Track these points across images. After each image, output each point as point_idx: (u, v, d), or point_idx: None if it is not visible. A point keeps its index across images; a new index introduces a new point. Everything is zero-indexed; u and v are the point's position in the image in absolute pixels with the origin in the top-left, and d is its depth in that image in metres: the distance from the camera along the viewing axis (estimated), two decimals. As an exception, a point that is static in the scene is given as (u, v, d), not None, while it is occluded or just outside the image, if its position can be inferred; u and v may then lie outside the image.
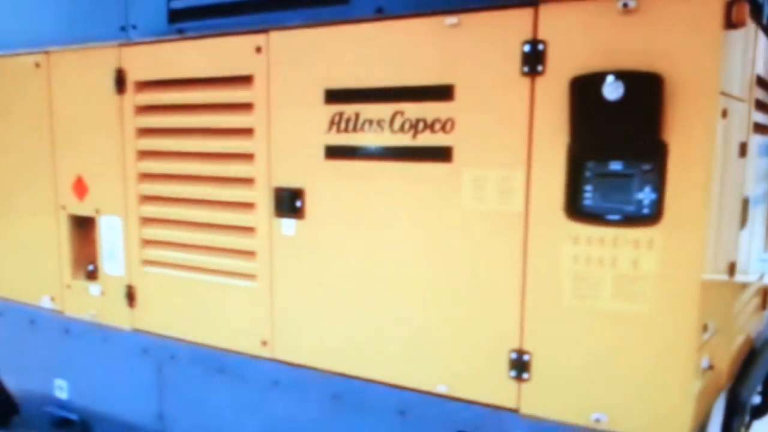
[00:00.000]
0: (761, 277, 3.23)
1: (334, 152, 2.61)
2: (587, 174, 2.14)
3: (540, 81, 2.18)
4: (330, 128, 2.60)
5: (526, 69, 2.19)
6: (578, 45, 2.11)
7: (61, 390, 3.80)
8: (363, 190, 2.57)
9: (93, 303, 3.51)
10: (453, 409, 2.48)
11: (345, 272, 2.65)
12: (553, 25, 2.14)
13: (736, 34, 2.07)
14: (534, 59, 2.18)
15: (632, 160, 2.07)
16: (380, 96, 2.48)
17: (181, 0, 2.99)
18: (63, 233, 3.57)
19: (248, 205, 2.88)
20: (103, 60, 3.23)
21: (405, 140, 2.44)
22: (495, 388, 2.38)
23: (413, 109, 2.41)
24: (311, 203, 2.70)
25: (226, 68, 2.86)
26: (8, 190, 3.80)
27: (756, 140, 2.68)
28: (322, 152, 2.64)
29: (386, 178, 2.51)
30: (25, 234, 3.76)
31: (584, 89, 2.07)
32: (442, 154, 2.37)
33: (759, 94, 2.63)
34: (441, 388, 2.49)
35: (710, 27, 1.94)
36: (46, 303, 3.72)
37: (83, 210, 3.47)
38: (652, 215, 2.05)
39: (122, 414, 3.52)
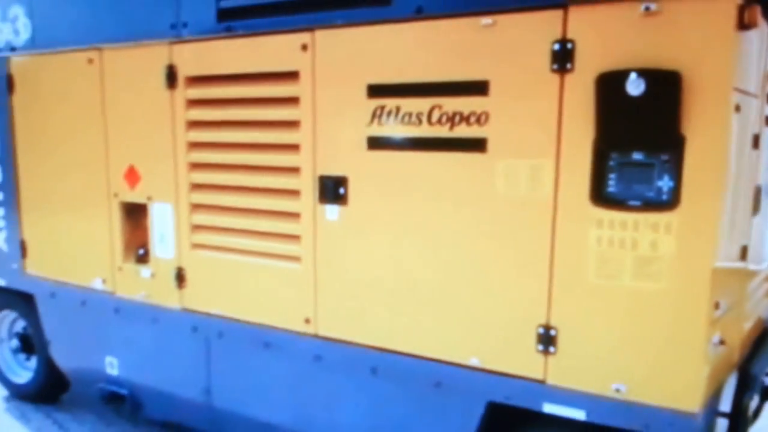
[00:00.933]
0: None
1: (376, 143, 2.83)
2: (611, 163, 2.34)
3: (569, 78, 2.38)
4: (372, 121, 2.82)
5: (555, 66, 2.39)
6: (604, 44, 2.30)
7: (112, 367, 4.06)
8: (403, 177, 2.78)
9: (144, 284, 3.75)
10: (484, 381, 2.69)
11: (385, 253, 2.87)
12: (581, 25, 2.34)
13: (749, 34, 2.26)
14: (563, 57, 2.38)
15: (652, 151, 2.26)
16: (420, 91, 2.69)
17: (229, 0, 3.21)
18: (115, 219, 3.82)
19: (294, 192, 3.11)
20: (154, 56, 3.46)
21: (443, 132, 2.66)
22: (523, 360, 2.59)
23: (450, 103, 2.62)
24: (354, 190, 2.92)
25: (273, 65, 3.09)
26: (62, 179, 4.05)
27: (769, 133, 2.87)
28: (364, 143, 2.86)
29: (425, 166, 2.72)
30: (78, 220, 4.01)
31: (609, 85, 2.27)
32: (477, 145, 2.58)
33: (772, 89, 2.81)
34: (473, 361, 2.71)
35: (724, 28, 2.13)
36: (98, 285, 3.98)
37: (135, 197, 3.71)
38: (670, 201, 2.25)
39: (171, 388, 3.77)
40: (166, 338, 3.74)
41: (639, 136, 2.27)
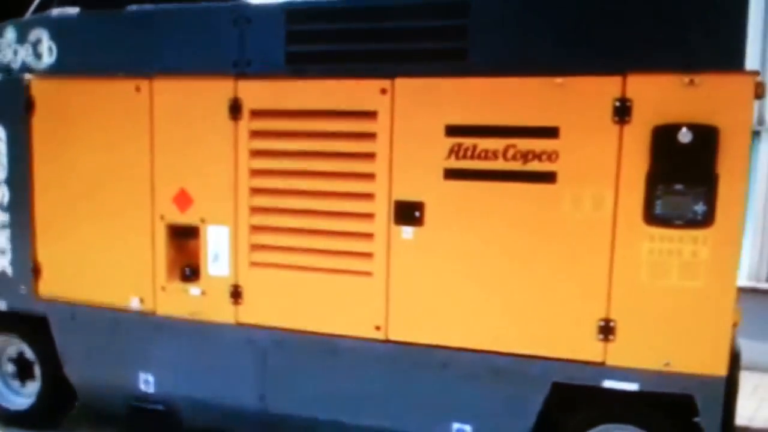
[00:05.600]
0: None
1: (452, 174, 3.38)
2: (658, 192, 3.08)
3: (627, 128, 3.10)
4: (449, 155, 3.37)
5: (616, 118, 3.10)
6: (656, 104, 3.04)
7: (146, 384, 4.21)
8: (477, 202, 3.36)
9: (192, 302, 3.99)
10: (550, 366, 3.32)
11: (459, 265, 3.42)
12: (637, 88, 3.07)
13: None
14: (622, 112, 3.09)
15: (692, 183, 3.03)
16: (495, 132, 3.29)
17: (299, 46, 3.61)
18: (159, 240, 4.02)
19: (367, 215, 3.56)
20: (218, 89, 3.76)
21: (516, 166, 3.27)
22: (586, 347, 3.25)
23: (524, 143, 3.25)
24: (430, 213, 3.44)
25: (349, 104, 3.53)
26: (92, 202, 4.16)
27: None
28: (441, 173, 3.40)
29: (498, 193, 3.31)
30: (112, 242, 4.14)
31: (663, 135, 3.02)
32: (548, 177, 3.22)
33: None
34: (541, 351, 3.33)
35: (745, 97, 2.95)
36: (134, 304, 4.13)
37: (185, 220, 3.95)
38: (705, 221, 3.03)
39: (220, 397, 4.02)
40: (216, 351, 3.99)
41: (684, 172, 3.03)
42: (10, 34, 4.27)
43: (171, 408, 4.19)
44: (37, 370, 4.65)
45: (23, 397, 4.75)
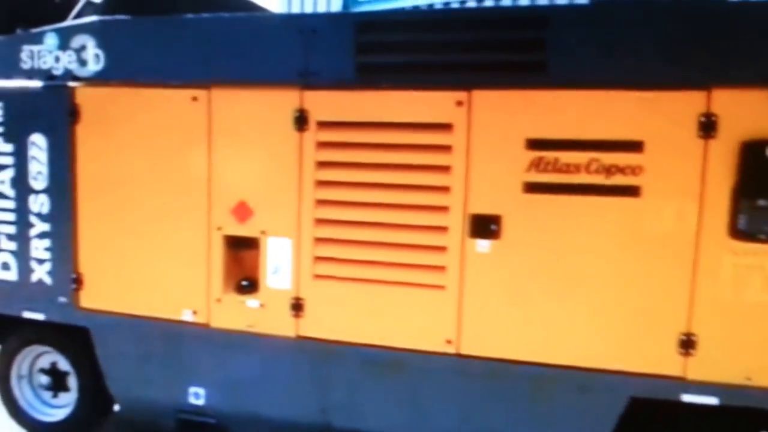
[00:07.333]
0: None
1: (532, 187, 3.37)
2: (743, 207, 3.11)
3: (712, 142, 3.12)
4: (530, 169, 3.36)
5: (701, 133, 3.12)
6: (742, 119, 3.08)
7: (197, 397, 4.12)
8: (557, 215, 3.35)
9: (250, 315, 3.91)
10: (627, 381, 3.33)
11: (539, 279, 3.41)
12: (722, 103, 3.10)
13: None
14: (708, 127, 3.12)
15: (775, 198, 3.08)
16: (578, 146, 3.28)
17: (371, 56, 3.56)
18: (216, 252, 3.93)
19: (441, 228, 3.53)
20: (283, 100, 3.69)
21: (599, 180, 3.27)
22: (665, 362, 3.27)
23: (607, 157, 3.25)
24: (507, 226, 3.43)
25: (423, 116, 3.49)
26: (141, 213, 4.05)
27: None
28: (520, 187, 3.38)
29: (579, 206, 3.31)
30: (164, 254, 4.03)
31: (752, 150, 3.05)
32: (632, 191, 3.23)
33: None
34: (619, 366, 3.34)
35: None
36: (187, 316, 4.03)
37: (244, 232, 3.86)
38: (788, 236, 3.08)
39: (278, 410, 3.95)
40: (274, 364, 3.92)
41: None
42: (52, 40, 4.12)
43: (223, 422, 4.11)
44: (71, 382, 4.55)
45: (54, 408, 4.64)
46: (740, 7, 3.17)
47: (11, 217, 4.34)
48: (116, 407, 4.53)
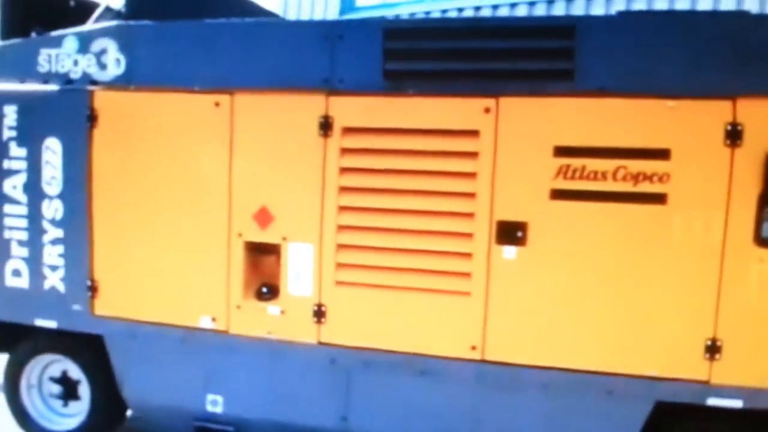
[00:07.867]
0: None
1: (559, 194, 3.40)
2: (768, 214, 3.18)
3: (738, 151, 3.18)
4: (557, 176, 3.39)
5: (728, 142, 3.18)
6: (766, 128, 3.13)
7: (214, 404, 4.08)
8: (584, 222, 3.38)
9: (270, 321, 3.89)
10: (653, 385, 3.37)
11: (565, 286, 3.43)
12: (748, 113, 3.16)
13: None
14: (734, 136, 3.17)
15: (803, 206, 3.14)
16: (606, 153, 3.32)
17: (398, 63, 3.57)
18: (236, 258, 3.90)
19: (466, 235, 3.54)
20: (308, 106, 3.69)
21: (626, 187, 3.31)
22: (691, 367, 3.31)
23: (634, 165, 3.29)
24: (534, 233, 3.45)
25: (450, 123, 3.51)
26: (159, 219, 4.02)
27: None
28: (547, 194, 3.41)
29: (606, 213, 3.35)
30: (182, 260, 4.00)
31: (777, 159, 3.11)
32: (658, 199, 3.27)
33: None
34: (645, 371, 3.37)
35: None
36: (205, 323, 4.00)
37: (265, 238, 3.85)
38: (815, 243, 3.14)
39: (299, 417, 3.92)
40: (295, 371, 3.89)
41: (792, 195, 3.13)
42: (72, 43, 4.09)
43: (241, 430, 4.07)
44: (83, 391, 4.47)
45: (65, 417, 4.56)
46: (764, 18, 3.23)
47: (23, 223, 4.28)
48: (128, 416, 4.46)
